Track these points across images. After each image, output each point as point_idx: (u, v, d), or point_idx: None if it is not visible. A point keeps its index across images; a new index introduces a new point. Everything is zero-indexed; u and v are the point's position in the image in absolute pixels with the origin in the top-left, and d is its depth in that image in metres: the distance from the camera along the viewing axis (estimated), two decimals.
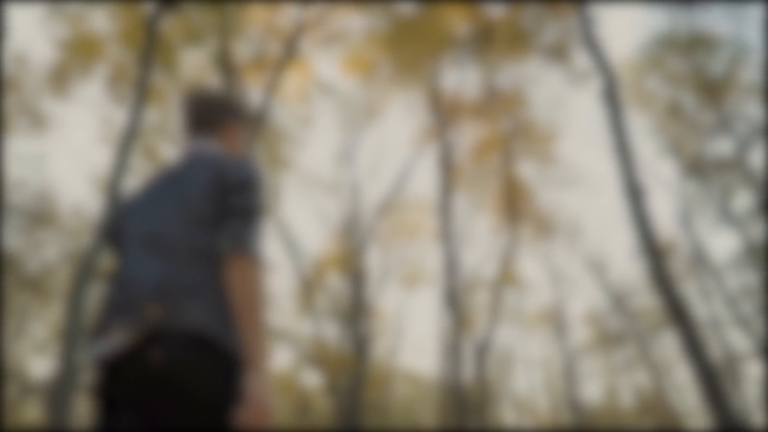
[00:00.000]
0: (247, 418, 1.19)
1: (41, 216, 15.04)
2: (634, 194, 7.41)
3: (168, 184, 1.46)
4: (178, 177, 1.46)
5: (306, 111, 14.55)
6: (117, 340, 1.24)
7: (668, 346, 20.37)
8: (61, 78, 11.02)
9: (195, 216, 1.36)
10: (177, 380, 1.17)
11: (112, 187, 6.33)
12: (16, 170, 14.25)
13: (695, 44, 15.51)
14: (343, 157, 15.83)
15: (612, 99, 8.40)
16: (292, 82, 14.16)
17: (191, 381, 1.17)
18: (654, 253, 7.07)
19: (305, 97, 14.53)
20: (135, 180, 12.74)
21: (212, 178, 1.40)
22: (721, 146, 15.80)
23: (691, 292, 18.85)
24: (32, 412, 16.31)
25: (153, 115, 12.85)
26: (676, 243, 18.59)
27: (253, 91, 12.41)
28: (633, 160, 7.65)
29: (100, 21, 10.68)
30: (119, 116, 11.67)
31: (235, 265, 1.29)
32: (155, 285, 1.26)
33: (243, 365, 1.26)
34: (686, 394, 19.64)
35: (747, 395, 17.08)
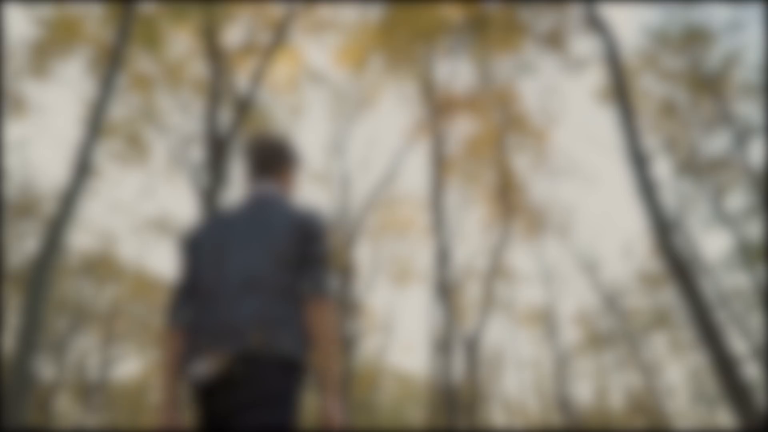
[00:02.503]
0: None
1: (24, 206, 14.59)
2: (639, 162, 7.17)
3: (252, 227, 1.72)
4: (260, 221, 1.73)
5: (296, 100, 14.22)
6: (220, 361, 1.52)
7: (659, 346, 20.22)
8: (41, 58, 10.63)
9: (282, 260, 1.64)
10: (270, 391, 1.49)
11: (80, 163, 5.95)
12: None
13: (690, 40, 15.35)
14: (334, 148, 15.52)
15: (615, 64, 8.21)
16: (282, 70, 13.84)
17: (281, 392, 1.50)
18: (660, 222, 6.83)
19: (295, 85, 14.20)
20: (113, 164, 12.33)
21: (296, 229, 1.69)
22: (716, 144, 15.65)
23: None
24: None
25: (137, 101, 12.48)
26: None
27: (241, 79, 12.07)
28: (637, 126, 7.41)
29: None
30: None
31: (316, 306, 1.61)
32: (254, 318, 1.55)
33: (307, 377, 1.64)
34: (676, 395, 19.49)
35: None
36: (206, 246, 1.74)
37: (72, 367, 20.71)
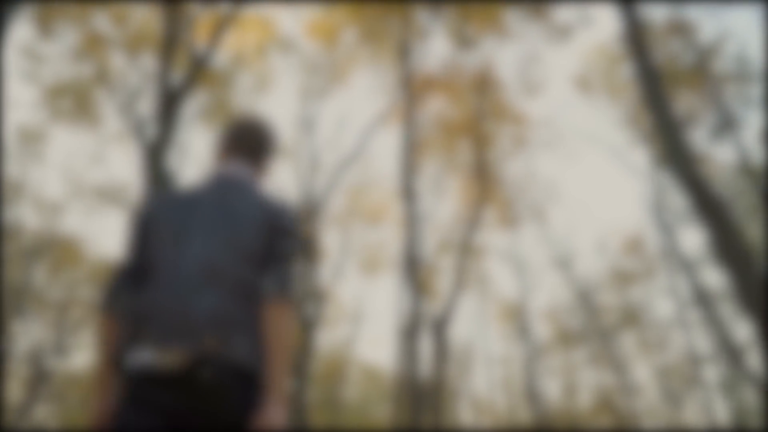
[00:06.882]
0: None
1: None
2: (650, 77, 6.76)
3: (217, 212, 1.56)
4: (227, 207, 1.57)
5: (264, 69, 13.44)
6: (173, 357, 1.37)
7: (629, 344, 20.02)
8: None
9: (247, 253, 1.51)
10: (218, 400, 1.36)
11: None
12: None
13: (670, 32, 15.11)
14: (303, 124, 14.77)
15: None
16: (250, 37, 13.06)
17: (229, 402, 1.38)
18: (671, 127, 6.44)
19: (263, 54, 13.43)
20: (60, 126, 11.39)
21: (265, 221, 1.56)
22: (695, 136, 15.41)
23: (660, 287, 18.52)
24: None
25: (91, 65, 11.64)
26: (645, 236, 18.21)
27: (200, 35, 11.28)
28: (648, 44, 6.98)
29: None
30: (48, 51, 10.37)
31: (276, 308, 1.48)
32: (211, 316, 1.41)
33: (264, 390, 1.46)
34: (645, 393, 19.31)
35: (709, 397, 16.75)
36: (163, 225, 1.55)
37: (22, 356, 19.62)
